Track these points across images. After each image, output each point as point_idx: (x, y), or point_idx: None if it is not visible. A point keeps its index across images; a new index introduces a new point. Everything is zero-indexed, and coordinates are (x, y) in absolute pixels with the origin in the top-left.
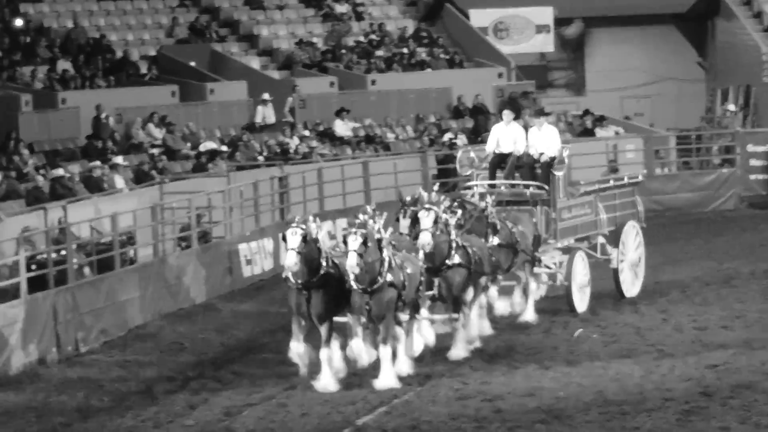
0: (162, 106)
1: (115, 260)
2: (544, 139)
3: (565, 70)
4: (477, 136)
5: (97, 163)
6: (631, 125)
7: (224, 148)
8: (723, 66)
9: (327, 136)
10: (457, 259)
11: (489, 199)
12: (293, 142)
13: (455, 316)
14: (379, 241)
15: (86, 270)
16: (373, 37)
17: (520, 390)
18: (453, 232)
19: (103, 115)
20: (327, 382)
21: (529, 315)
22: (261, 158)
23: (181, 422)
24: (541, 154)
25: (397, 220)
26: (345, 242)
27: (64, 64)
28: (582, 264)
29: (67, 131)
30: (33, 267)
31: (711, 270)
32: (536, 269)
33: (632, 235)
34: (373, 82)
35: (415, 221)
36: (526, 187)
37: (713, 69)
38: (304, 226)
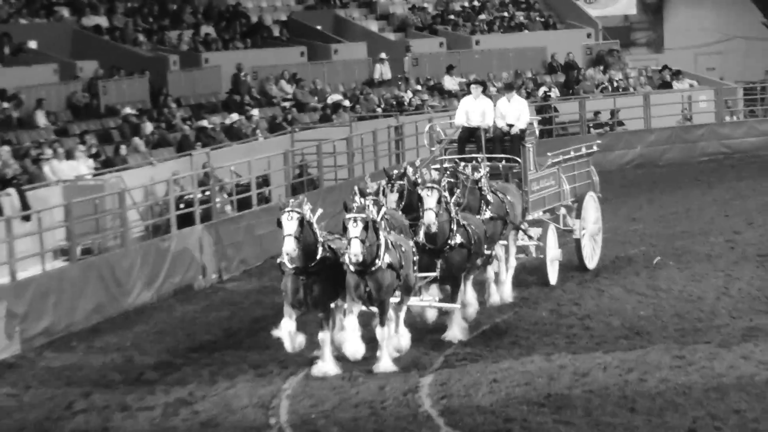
0: (292, 64)
1: (252, 199)
2: (513, 112)
3: (646, 30)
4: (569, 89)
5: (236, 115)
6: (704, 78)
7: (347, 102)
8: None
9: (437, 89)
10: (458, 238)
11: (483, 170)
12: (407, 96)
13: (449, 306)
14: (375, 222)
15: (227, 208)
16: (476, 2)
17: (606, 310)
18: (453, 210)
19: (241, 73)
20: (327, 366)
21: (507, 293)
22: (379, 110)
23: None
24: (511, 126)
25: (384, 194)
26: (345, 228)
27: (206, 29)
28: (553, 237)
29: (209, 87)
30: (181, 206)
31: None
32: (522, 241)
33: (592, 206)
34: (477, 42)
35: (402, 196)
36: (499, 160)
37: None
38: (299, 210)
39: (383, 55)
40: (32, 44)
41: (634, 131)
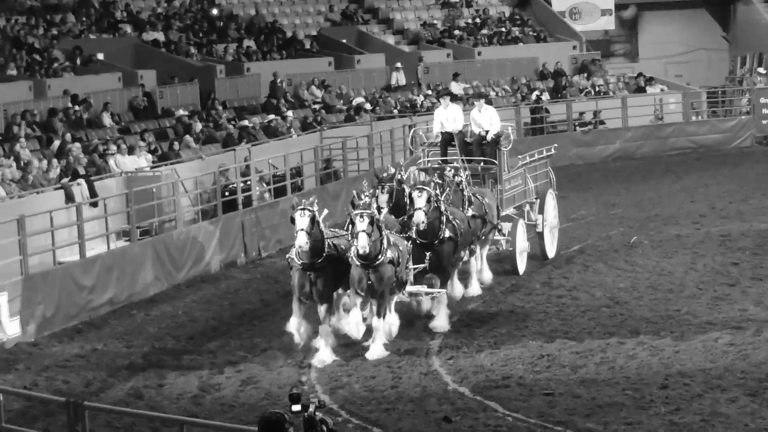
0: (321, 72)
1: (287, 188)
2: (485, 119)
3: (623, 42)
4: (557, 93)
5: (273, 115)
6: (673, 84)
7: (368, 104)
8: (742, 39)
9: (445, 94)
10: (447, 233)
11: (464, 173)
12: (419, 99)
13: (437, 291)
14: (378, 220)
15: (266, 195)
16: (478, 19)
17: (590, 282)
18: (442, 207)
19: (277, 80)
20: (324, 355)
21: (486, 276)
22: (395, 111)
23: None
24: (487, 132)
25: (375, 196)
26: (352, 223)
27: (248, 42)
28: (522, 231)
29: (250, 92)
30: (226, 194)
31: (732, 191)
32: (497, 237)
33: (551, 203)
34: (479, 53)
35: (391, 196)
36: (479, 162)
37: (734, 41)
38: (311, 209)
39: (399, 65)
40: (100, 56)
41: (614, 129)
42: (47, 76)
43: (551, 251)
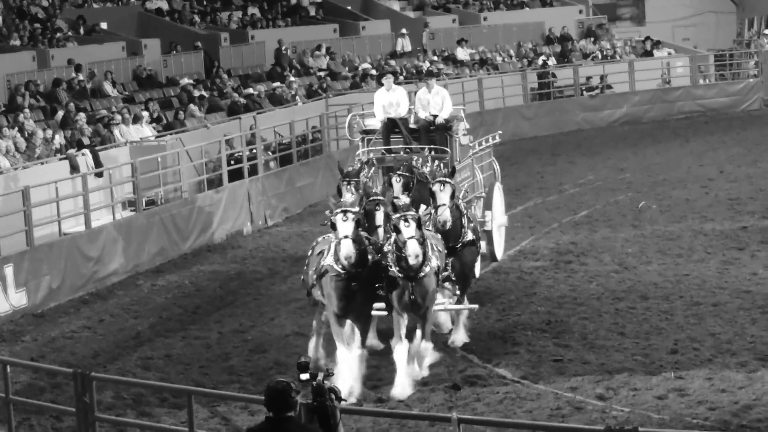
0: (326, 39)
1: (293, 156)
2: (435, 101)
3: (630, 6)
4: (564, 58)
5: (278, 83)
6: (681, 47)
7: (373, 71)
8: (749, 1)
9: (450, 60)
10: (470, 235)
11: (434, 163)
12: (425, 65)
13: (469, 306)
14: (420, 221)
15: (272, 164)
16: None
17: (599, 248)
18: (463, 205)
19: (282, 48)
20: (356, 387)
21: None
22: (401, 78)
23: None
24: (435, 116)
25: (340, 194)
26: (397, 229)
27: (252, 10)
28: (500, 196)
29: (255, 60)
30: (232, 162)
31: (740, 154)
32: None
33: (499, 197)
34: (485, 19)
35: (408, 187)
36: (430, 150)
37: (742, 3)
38: (354, 211)
39: (404, 31)
40: (103, 25)
41: (621, 93)
42: (50, 46)
43: (500, 252)
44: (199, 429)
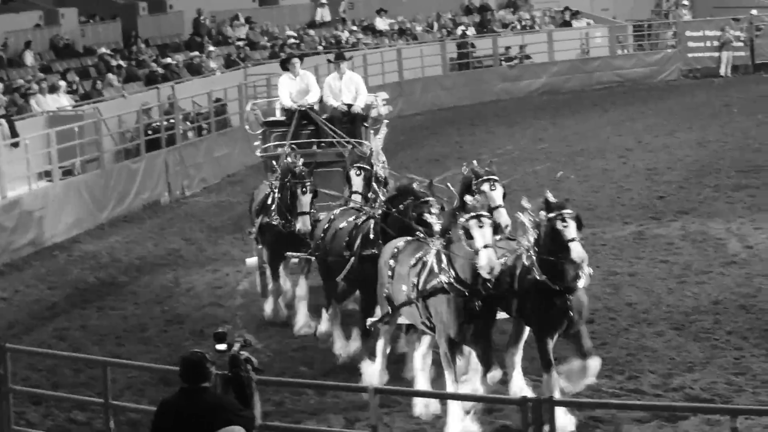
0: (246, 9)
1: (211, 126)
2: (347, 89)
3: None
4: (483, 28)
5: (197, 53)
6: (599, 17)
7: (293, 40)
8: None
9: (370, 30)
10: None
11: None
12: (344, 35)
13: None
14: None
15: (189, 134)
16: None
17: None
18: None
19: (201, 17)
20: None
21: None
22: (320, 48)
23: None
24: (350, 105)
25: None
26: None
27: None
28: None
29: (174, 29)
30: (149, 132)
31: (658, 124)
32: None
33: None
34: None
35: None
36: (348, 143)
37: None
38: (488, 215)
39: (323, 0)
40: None
41: (540, 63)
42: None
43: None
44: (115, 400)
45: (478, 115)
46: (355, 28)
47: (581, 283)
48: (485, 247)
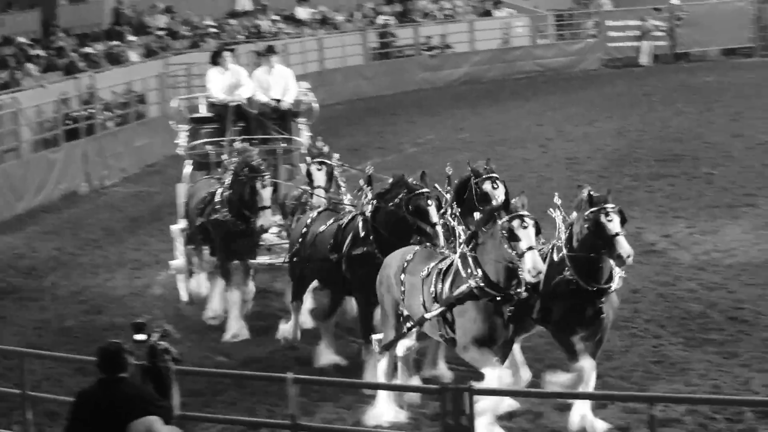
0: None
1: (131, 116)
2: (277, 83)
3: None
4: (404, 17)
5: (117, 42)
6: (521, 7)
7: (213, 29)
8: None
9: (291, 19)
10: None
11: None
12: (265, 24)
13: None
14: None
15: (109, 123)
16: None
17: None
18: None
19: (121, 6)
20: None
21: None
22: (241, 37)
23: None
24: (279, 101)
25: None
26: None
27: None
28: None
29: (94, 18)
30: (68, 122)
31: (579, 114)
32: None
33: None
34: None
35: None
36: (284, 140)
37: None
38: (530, 215)
39: None
40: None
41: (461, 53)
42: None
43: None
44: (32, 391)
45: (399, 105)
46: (276, 17)
47: (614, 284)
48: (529, 248)
